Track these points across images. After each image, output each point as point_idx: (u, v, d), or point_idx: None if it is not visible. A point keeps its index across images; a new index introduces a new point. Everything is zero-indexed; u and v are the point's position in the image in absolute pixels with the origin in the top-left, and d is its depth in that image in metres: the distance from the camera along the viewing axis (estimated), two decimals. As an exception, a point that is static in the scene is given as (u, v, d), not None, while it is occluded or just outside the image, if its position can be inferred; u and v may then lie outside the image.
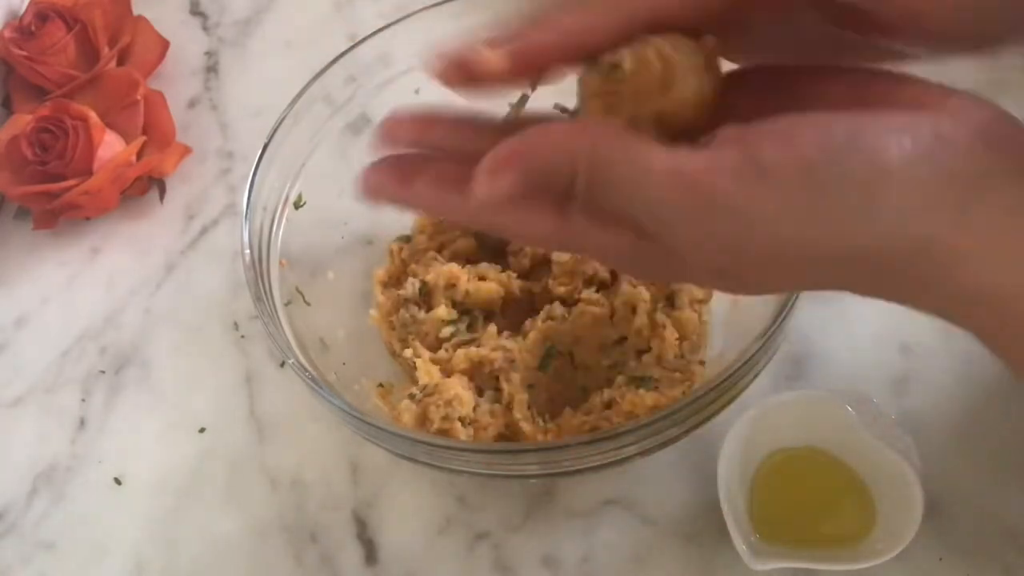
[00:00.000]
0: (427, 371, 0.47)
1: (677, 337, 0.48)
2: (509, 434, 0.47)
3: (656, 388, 0.46)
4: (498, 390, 0.48)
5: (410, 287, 0.51)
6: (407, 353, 0.49)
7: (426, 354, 0.48)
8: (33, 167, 0.61)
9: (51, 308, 0.61)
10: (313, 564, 0.49)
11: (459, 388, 0.46)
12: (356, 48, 0.52)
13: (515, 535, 0.48)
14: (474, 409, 0.47)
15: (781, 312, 0.42)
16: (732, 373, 0.41)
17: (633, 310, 0.49)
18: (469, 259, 0.52)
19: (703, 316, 0.50)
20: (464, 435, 0.45)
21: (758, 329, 0.42)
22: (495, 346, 0.48)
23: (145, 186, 0.64)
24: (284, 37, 0.71)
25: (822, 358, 0.51)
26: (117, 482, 0.53)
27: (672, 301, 0.50)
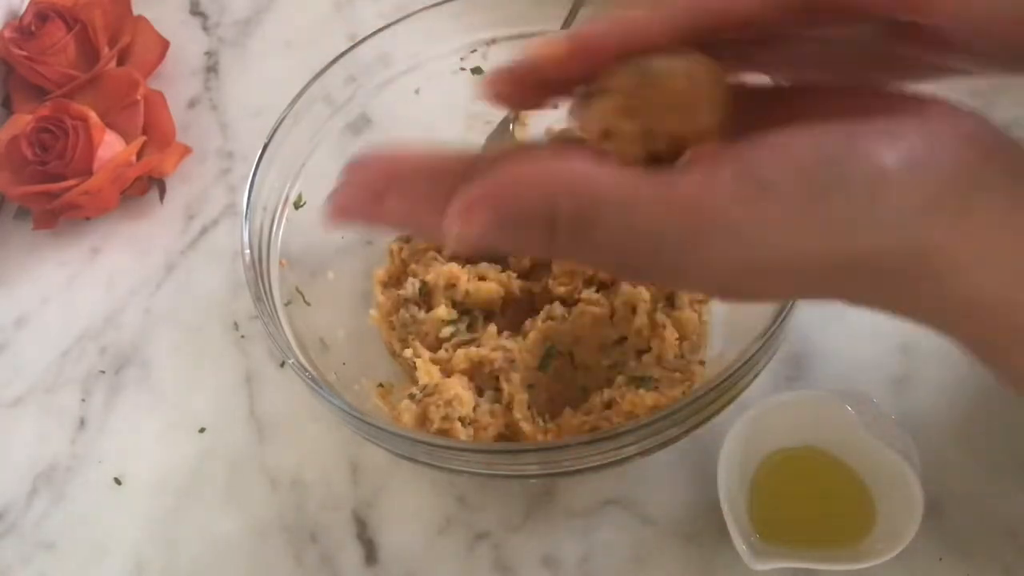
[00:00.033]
0: (427, 371, 0.47)
1: (677, 337, 0.48)
2: (509, 434, 0.47)
3: (656, 388, 0.46)
4: (498, 390, 0.48)
5: (410, 287, 0.51)
6: (407, 353, 0.49)
7: (426, 354, 0.48)
8: (33, 167, 0.61)
9: (51, 308, 0.61)
10: (313, 564, 0.49)
11: (459, 388, 0.46)
12: (356, 48, 0.52)
13: (515, 535, 0.48)
14: (474, 409, 0.47)
15: (781, 312, 0.42)
16: (732, 373, 0.41)
17: (633, 310, 0.49)
18: (469, 259, 0.52)
19: (703, 316, 0.50)
20: (464, 435, 0.45)
21: (758, 329, 0.42)
22: (495, 346, 0.48)
23: (145, 186, 0.64)
24: (284, 37, 0.71)
25: (822, 358, 0.51)
26: (117, 482, 0.53)
27: (672, 301, 0.50)
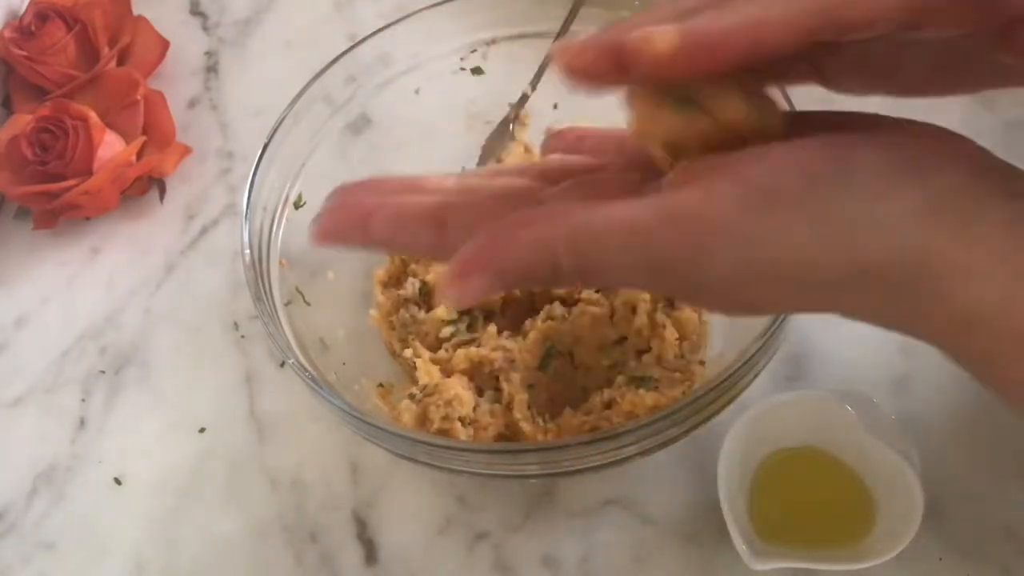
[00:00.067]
0: (427, 371, 0.47)
1: (677, 337, 0.48)
2: (509, 434, 0.47)
3: (656, 388, 0.46)
4: (498, 390, 0.48)
5: (410, 287, 0.51)
6: (407, 353, 0.49)
7: (426, 354, 0.48)
8: (33, 167, 0.61)
9: (51, 308, 0.61)
10: (313, 564, 0.49)
11: (459, 388, 0.46)
12: (356, 48, 0.52)
13: (515, 535, 0.48)
14: (474, 409, 0.47)
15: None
16: (732, 373, 0.41)
17: (633, 310, 0.49)
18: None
19: (703, 316, 0.50)
20: (464, 435, 0.45)
21: (758, 329, 0.42)
22: (495, 346, 0.48)
23: (145, 186, 0.64)
24: (284, 37, 0.71)
25: (822, 358, 0.51)
26: (117, 482, 0.53)
27: (672, 301, 0.50)
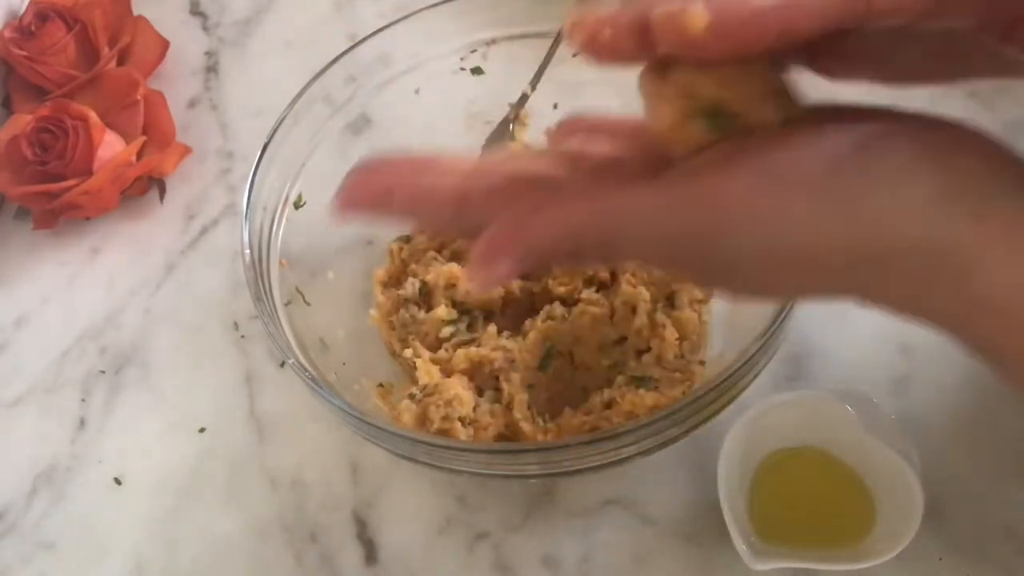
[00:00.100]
0: (427, 371, 0.48)
1: (677, 337, 0.48)
2: (509, 434, 0.47)
3: (656, 388, 0.46)
4: (498, 390, 0.48)
5: (410, 287, 0.51)
6: (407, 353, 0.49)
7: (426, 354, 0.48)
8: (33, 167, 0.61)
9: (51, 308, 0.61)
10: (313, 564, 0.49)
11: (459, 388, 0.46)
12: (356, 48, 0.52)
13: (515, 535, 0.48)
14: (474, 409, 0.47)
15: (781, 312, 0.42)
16: (732, 373, 0.41)
17: (633, 310, 0.49)
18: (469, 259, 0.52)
19: (703, 316, 0.50)
20: (464, 435, 0.45)
21: (758, 329, 0.42)
22: (495, 346, 0.48)
23: (145, 186, 0.64)
24: (284, 37, 0.71)
25: (822, 358, 0.51)
26: (117, 482, 0.53)
27: (672, 301, 0.50)
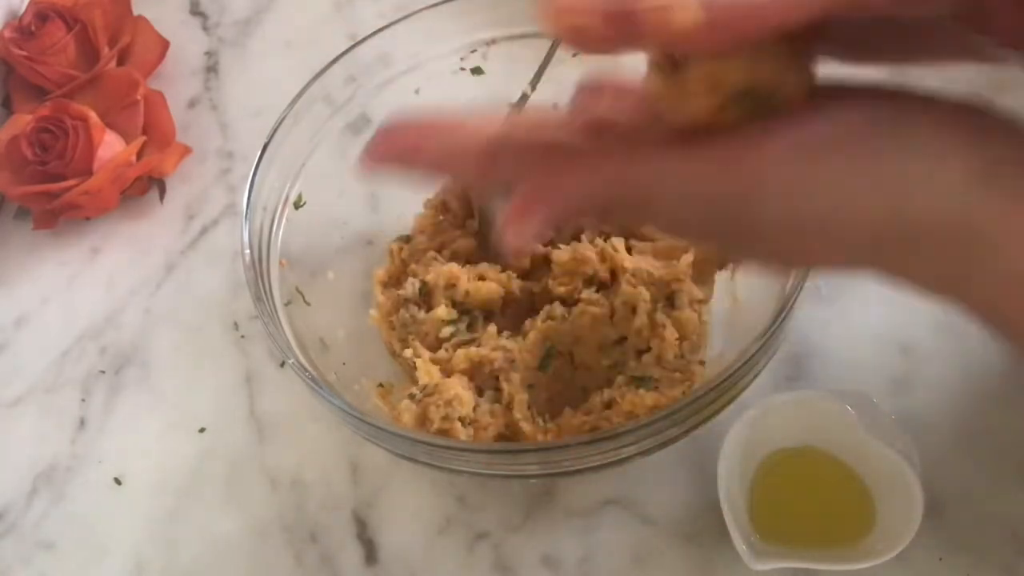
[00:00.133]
0: (427, 371, 0.47)
1: (677, 337, 0.48)
2: (509, 434, 0.47)
3: (656, 388, 0.46)
4: (498, 390, 0.48)
5: (410, 287, 0.51)
6: (407, 353, 0.49)
7: (426, 354, 0.48)
8: (33, 167, 0.61)
9: (51, 308, 0.61)
10: (313, 564, 0.49)
11: (459, 388, 0.46)
12: (356, 48, 0.52)
13: (515, 535, 0.48)
14: (474, 409, 0.47)
15: (781, 312, 0.42)
16: (732, 373, 0.41)
17: (633, 310, 0.49)
18: (469, 259, 0.52)
19: (703, 316, 0.50)
20: (464, 435, 0.45)
21: (758, 329, 0.42)
22: (495, 346, 0.48)
23: (145, 186, 0.64)
24: (284, 37, 0.71)
25: (822, 358, 0.51)
26: (117, 482, 0.53)
27: (672, 301, 0.50)
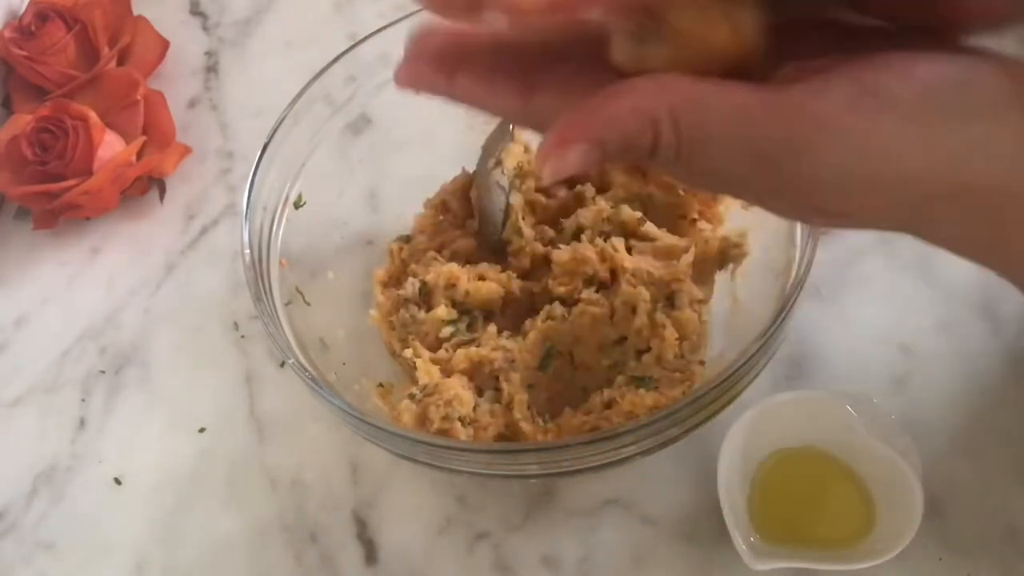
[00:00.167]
0: (427, 371, 0.47)
1: (677, 337, 0.48)
2: (509, 434, 0.47)
3: (656, 388, 0.46)
4: (498, 390, 0.48)
5: (410, 287, 0.51)
6: (407, 353, 0.49)
7: (426, 354, 0.48)
8: (33, 167, 0.61)
9: (51, 308, 0.61)
10: (313, 564, 0.49)
11: (459, 388, 0.46)
12: (356, 48, 0.52)
13: (515, 535, 0.48)
14: (474, 409, 0.47)
15: (781, 312, 0.42)
16: (732, 373, 0.41)
17: (633, 310, 0.49)
18: (469, 259, 0.52)
19: (703, 316, 0.50)
20: (464, 435, 0.45)
21: (758, 329, 0.42)
22: (495, 346, 0.48)
23: (145, 186, 0.64)
24: (284, 37, 0.71)
25: (822, 358, 0.51)
26: (117, 482, 0.53)
27: (672, 301, 0.50)
